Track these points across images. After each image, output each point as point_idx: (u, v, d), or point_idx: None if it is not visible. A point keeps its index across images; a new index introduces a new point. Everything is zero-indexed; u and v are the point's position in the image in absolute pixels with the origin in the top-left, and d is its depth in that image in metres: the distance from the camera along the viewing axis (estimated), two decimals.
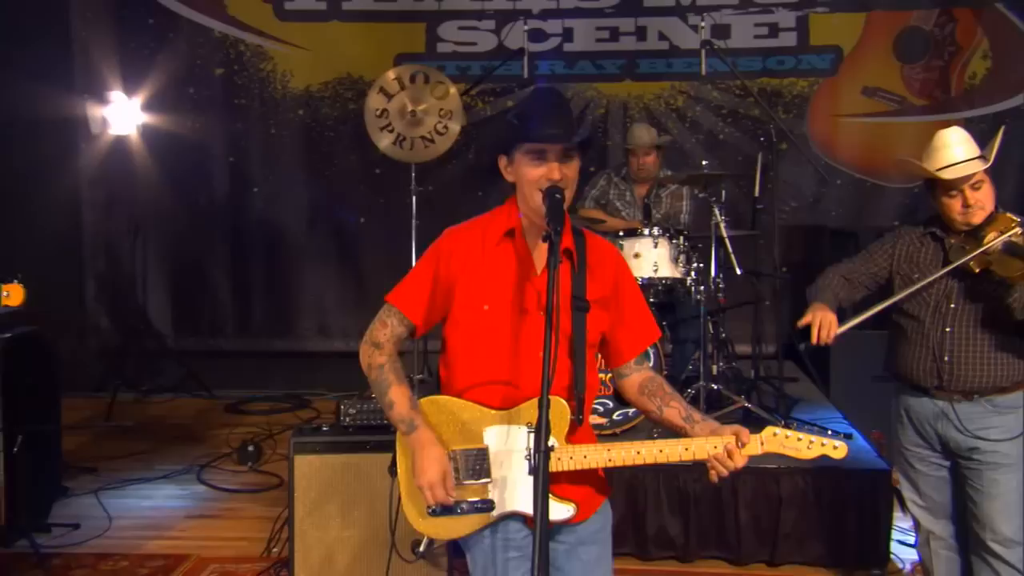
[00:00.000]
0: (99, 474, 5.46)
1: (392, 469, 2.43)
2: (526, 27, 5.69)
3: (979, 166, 2.98)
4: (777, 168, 6.05)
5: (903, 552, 4.33)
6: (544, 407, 1.97)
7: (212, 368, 7.34)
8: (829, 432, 2.32)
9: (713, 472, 2.24)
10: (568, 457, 2.26)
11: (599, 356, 2.47)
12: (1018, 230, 2.94)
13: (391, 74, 5.05)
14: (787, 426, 2.29)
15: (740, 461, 2.20)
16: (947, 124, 6.91)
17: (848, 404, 5.27)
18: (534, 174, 2.25)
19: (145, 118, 7.26)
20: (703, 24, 5.49)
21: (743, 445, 2.20)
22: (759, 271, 5.25)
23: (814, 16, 6.90)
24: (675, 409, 2.36)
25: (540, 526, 1.90)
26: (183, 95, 7.29)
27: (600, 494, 2.43)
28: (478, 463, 2.31)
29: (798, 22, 6.90)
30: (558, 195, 2.18)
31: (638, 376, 2.45)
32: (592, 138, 2.40)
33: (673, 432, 2.34)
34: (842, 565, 4.20)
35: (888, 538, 4.23)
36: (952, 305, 3.08)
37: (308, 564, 3.72)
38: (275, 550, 4.39)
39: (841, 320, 3.14)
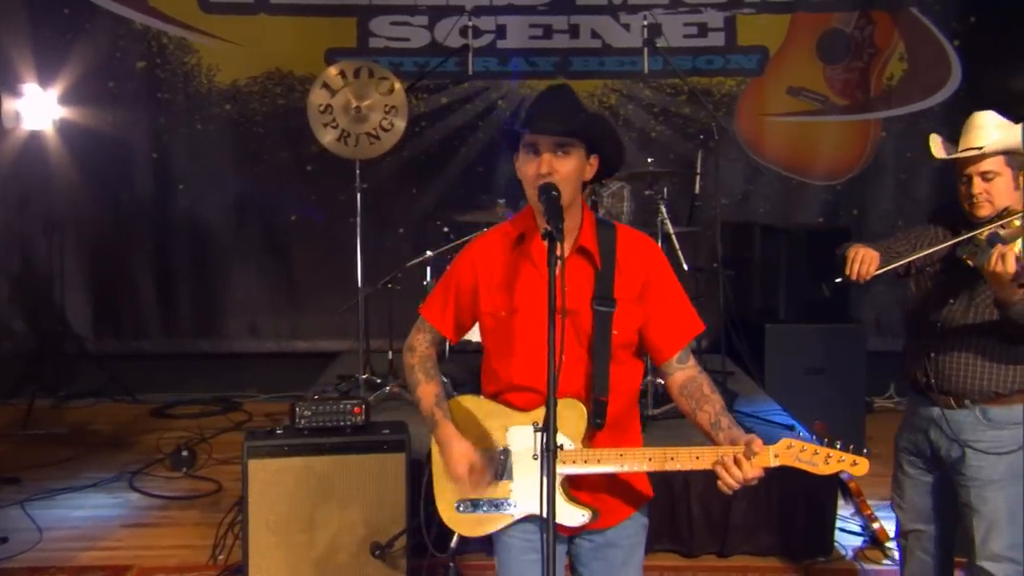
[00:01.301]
0: (23, 484, 5.24)
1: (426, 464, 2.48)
2: (471, 23, 5.63)
3: (972, 153, 2.86)
4: (708, 165, 6.19)
5: (846, 540, 4.48)
6: (551, 407, 1.96)
7: (135, 371, 7.11)
8: (852, 447, 2.27)
9: (720, 481, 2.18)
10: (582, 460, 2.26)
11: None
12: (1017, 223, 2.75)
13: (334, 69, 4.95)
14: (803, 438, 2.25)
15: (750, 472, 2.14)
16: (867, 123, 7.27)
17: (783, 397, 5.40)
18: (528, 171, 2.24)
19: (62, 112, 6.96)
20: (645, 23, 5.53)
21: (754, 455, 2.14)
22: (703, 267, 5.35)
23: (741, 17, 7.04)
24: (706, 414, 2.32)
25: (548, 528, 1.89)
26: (102, 89, 7.00)
27: (631, 502, 2.43)
28: (501, 463, 2.34)
29: (726, 22, 7.03)
30: (554, 192, 2.17)
31: (681, 375, 2.40)
32: (602, 132, 2.33)
33: (704, 436, 2.33)
34: (789, 554, 4.31)
35: (833, 527, 4.37)
36: (951, 300, 2.96)
37: (264, 570, 3.64)
38: (221, 557, 4.27)
39: None
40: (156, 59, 7.05)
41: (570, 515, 2.28)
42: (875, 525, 4.44)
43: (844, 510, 4.56)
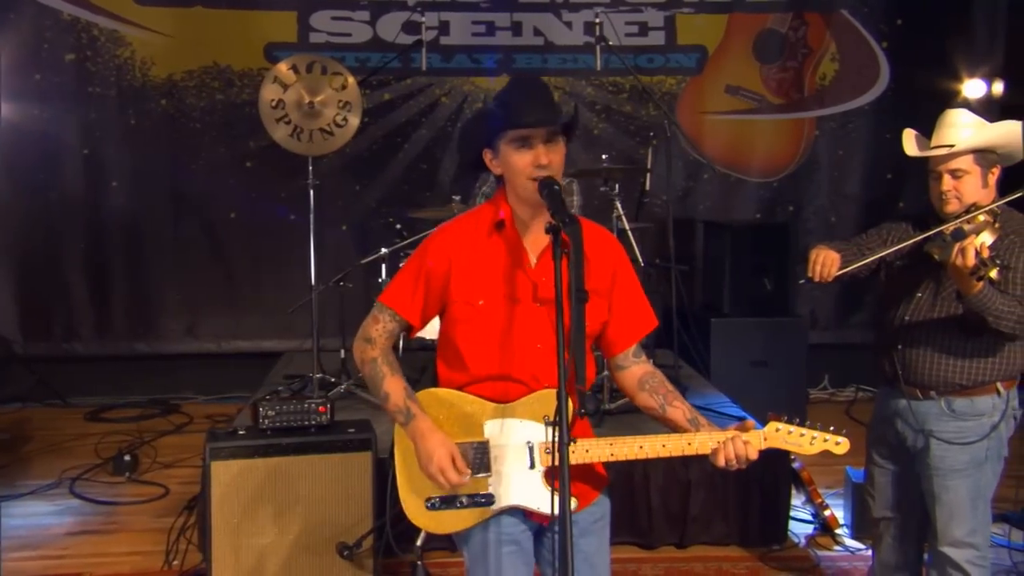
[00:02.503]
0: None
1: (391, 461, 2.38)
2: (424, 19, 5.58)
3: (943, 152, 2.94)
4: (657, 162, 6.27)
5: (798, 528, 4.59)
6: (562, 398, 1.96)
7: (66, 374, 6.89)
8: (832, 428, 2.36)
9: (721, 456, 2.24)
10: (570, 451, 2.26)
11: (595, 348, 2.49)
12: (981, 218, 2.84)
13: (285, 64, 4.86)
14: (789, 421, 2.31)
15: (752, 453, 2.23)
16: (801, 122, 7.47)
17: (729, 389, 5.51)
18: (522, 162, 2.23)
19: None
20: (598, 20, 5.57)
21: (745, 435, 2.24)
22: (659, 263, 5.43)
23: (680, 16, 7.14)
24: (679, 409, 2.37)
25: (562, 518, 1.90)
26: (28, 82, 6.74)
27: (597, 485, 2.44)
28: (479, 456, 2.30)
29: (666, 22, 7.13)
30: (556, 186, 2.17)
31: (638, 369, 2.45)
32: (576, 121, 2.36)
33: (672, 430, 2.35)
34: (745, 543, 4.40)
35: (787, 516, 4.48)
36: (919, 294, 3.04)
37: (227, 574, 3.56)
38: (176, 563, 4.17)
39: None
40: (86, 52, 6.81)
41: (549, 503, 2.24)
42: (826, 513, 4.56)
43: (796, 499, 4.67)
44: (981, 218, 2.85)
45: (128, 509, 4.90)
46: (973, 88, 7.11)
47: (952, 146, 2.93)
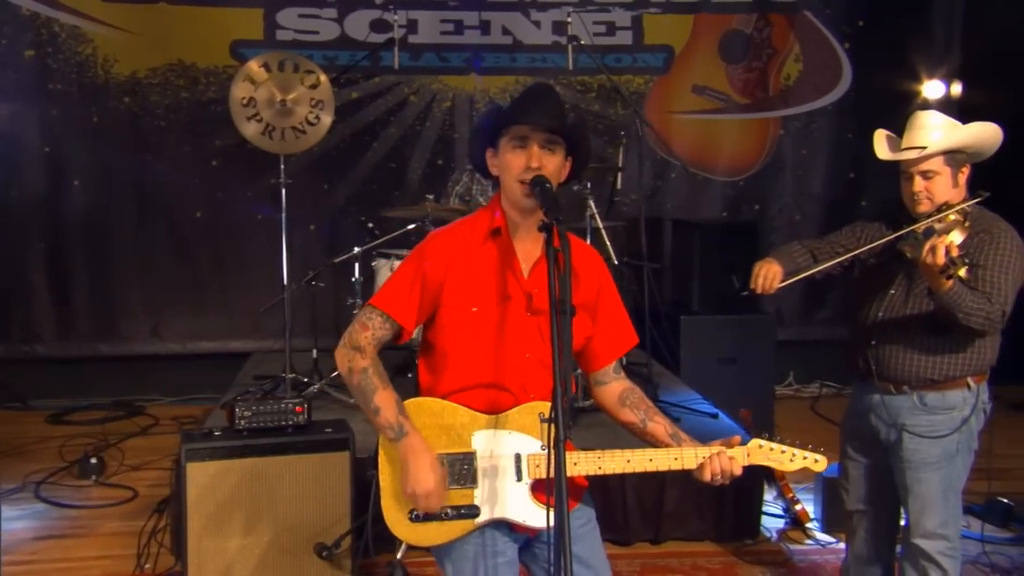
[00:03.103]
0: None
1: (372, 469, 2.34)
2: (395, 17, 5.56)
3: (914, 154, 2.99)
4: (628, 161, 6.31)
5: (769, 522, 4.65)
6: (557, 398, 1.95)
7: (26, 376, 6.77)
8: (810, 446, 2.42)
9: (707, 471, 2.28)
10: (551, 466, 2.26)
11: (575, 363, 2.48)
12: (951, 217, 2.90)
13: (256, 62, 4.80)
14: (771, 439, 2.37)
15: (736, 468, 2.28)
16: (766, 122, 7.55)
17: (699, 386, 5.57)
18: (515, 162, 2.23)
19: None
20: (570, 19, 5.59)
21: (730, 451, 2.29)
22: (632, 261, 5.45)
23: (647, 16, 7.18)
24: (660, 425, 2.41)
25: (562, 518, 1.90)
26: None
27: (576, 494, 2.43)
28: (464, 468, 2.28)
29: (633, 22, 7.17)
30: (547, 184, 2.17)
31: (618, 385, 2.47)
32: (582, 135, 2.35)
33: (652, 446, 2.38)
34: (719, 538, 4.45)
35: (760, 511, 4.54)
36: (892, 291, 3.09)
37: None
38: (148, 566, 4.12)
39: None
40: (47, 48, 6.68)
41: (538, 516, 2.26)
42: (797, 507, 4.62)
43: (767, 494, 4.72)
44: (952, 217, 2.90)
45: (96, 513, 4.82)
46: (932, 89, 7.24)
47: (924, 148, 2.98)
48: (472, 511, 2.27)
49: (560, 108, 2.30)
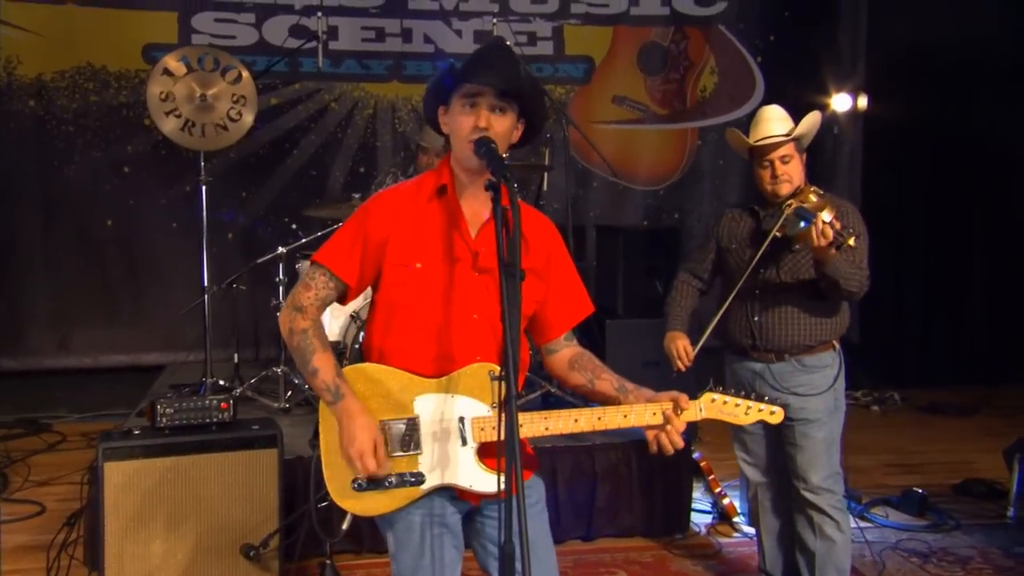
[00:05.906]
0: None
1: (313, 442, 2.25)
2: (319, 19, 5.47)
3: (783, 139, 3.25)
4: (556, 163, 6.31)
5: (698, 517, 4.68)
6: (508, 354, 1.89)
7: None
8: (766, 398, 2.40)
9: (654, 443, 2.23)
10: (502, 427, 2.20)
11: (527, 332, 2.43)
12: (813, 198, 3.20)
13: (174, 56, 4.67)
14: (725, 392, 2.32)
15: (680, 427, 2.21)
16: (684, 132, 7.68)
17: None
18: (465, 123, 2.19)
19: None
20: (493, 28, 5.61)
21: (682, 411, 2.21)
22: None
23: (568, 27, 7.28)
24: (607, 381, 2.36)
25: (515, 479, 1.85)
26: None
27: (528, 465, 2.37)
28: (408, 434, 2.20)
29: (554, 32, 7.25)
30: (492, 144, 2.14)
31: (568, 351, 2.43)
32: (535, 97, 2.31)
33: (605, 404, 2.32)
34: (649, 533, 4.46)
35: (689, 506, 4.57)
36: (762, 270, 3.32)
37: None
38: None
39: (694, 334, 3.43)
40: None
41: (485, 481, 2.21)
42: (724, 501, 4.66)
43: (695, 490, 4.75)
44: (813, 197, 3.20)
45: (2, 528, 4.55)
46: (840, 102, 7.49)
47: (788, 135, 3.25)
48: (417, 478, 2.20)
49: (514, 68, 2.23)
